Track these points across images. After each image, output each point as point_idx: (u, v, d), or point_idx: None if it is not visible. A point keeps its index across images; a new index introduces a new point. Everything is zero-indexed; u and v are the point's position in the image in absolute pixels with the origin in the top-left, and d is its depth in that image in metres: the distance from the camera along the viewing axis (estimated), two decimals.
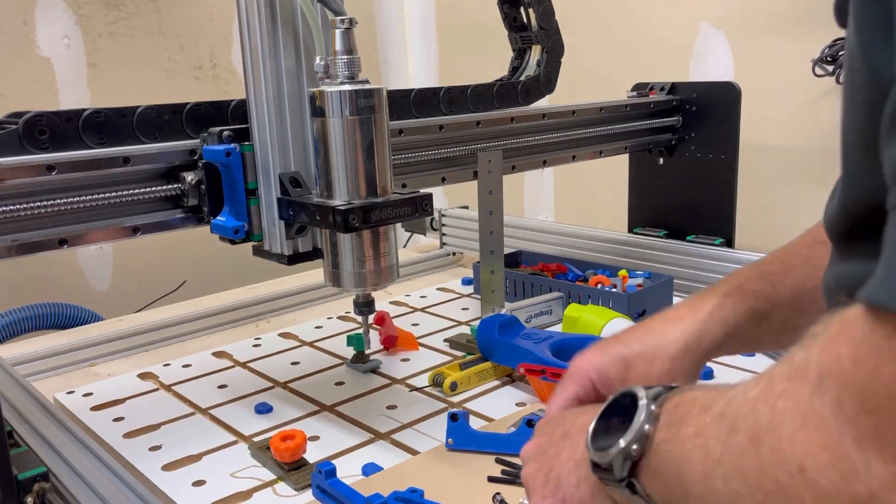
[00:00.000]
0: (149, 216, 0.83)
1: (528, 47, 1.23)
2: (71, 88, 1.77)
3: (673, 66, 1.70)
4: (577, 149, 1.29)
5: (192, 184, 0.82)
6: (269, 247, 0.84)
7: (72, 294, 1.78)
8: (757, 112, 1.43)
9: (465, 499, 0.72)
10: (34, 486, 0.67)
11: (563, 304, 1.22)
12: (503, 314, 1.08)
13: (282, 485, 0.79)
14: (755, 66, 1.58)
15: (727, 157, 1.37)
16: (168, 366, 1.12)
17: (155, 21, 1.88)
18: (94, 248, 1.84)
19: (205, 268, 1.87)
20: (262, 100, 0.79)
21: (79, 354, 1.16)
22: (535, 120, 1.19)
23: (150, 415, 0.96)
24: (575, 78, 1.29)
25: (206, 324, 1.27)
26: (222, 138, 0.81)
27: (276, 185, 0.80)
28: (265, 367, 1.10)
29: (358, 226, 0.71)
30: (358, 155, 0.73)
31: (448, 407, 0.95)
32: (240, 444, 0.88)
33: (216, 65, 2.00)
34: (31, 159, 0.75)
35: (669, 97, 1.41)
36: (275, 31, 0.78)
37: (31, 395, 0.89)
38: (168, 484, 0.80)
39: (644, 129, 1.38)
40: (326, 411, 0.95)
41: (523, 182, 2.12)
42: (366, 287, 0.78)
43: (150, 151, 0.81)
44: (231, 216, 0.83)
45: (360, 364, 1.07)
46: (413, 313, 1.32)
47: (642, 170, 1.50)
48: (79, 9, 1.76)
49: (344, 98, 0.72)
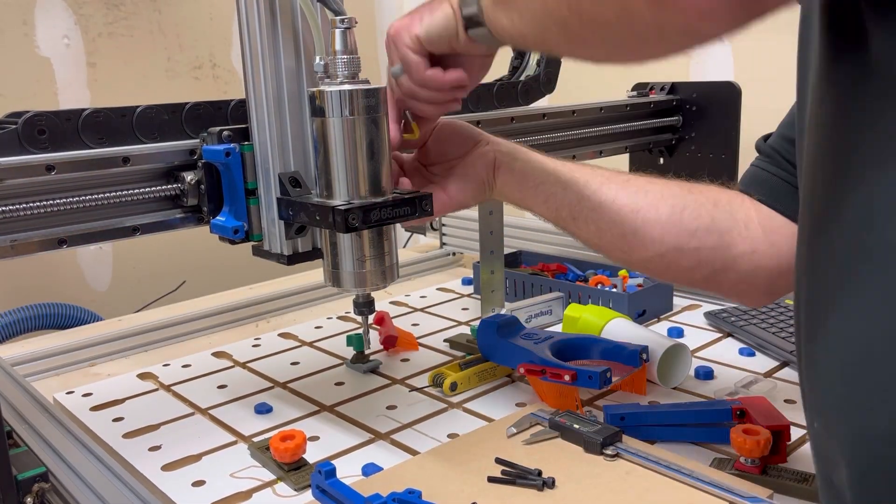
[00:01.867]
0: (148, 216, 0.83)
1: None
2: (70, 88, 1.77)
3: (673, 65, 1.70)
4: (577, 149, 1.29)
5: (191, 184, 0.82)
6: (268, 247, 0.84)
7: (71, 294, 1.78)
8: (757, 112, 1.43)
9: (466, 499, 0.71)
10: (34, 486, 0.67)
11: (563, 304, 1.22)
12: (503, 314, 1.08)
13: (282, 485, 0.79)
14: (755, 66, 1.58)
15: (727, 157, 1.37)
16: (168, 366, 1.12)
17: (154, 21, 1.88)
18: (94, 249, 1.84)
19: (205, 268, 1.87)
20: (262, 100, 0.79)
21: (78, 354, 1.16)
22: (535, 120, 1.19)
23: (149, 415, 0.96)
24: (575, 78, 1.29)
25: (206, 324, 1.27)
26: (222, 138, 0.81)
27: (275, 185, 0.80)
28: (265, 367, 1.10)
29: (358, 226, 0.71)
30: (358, 155, 0.73)
31: (448, 407, 0.95)
32: (239, 444, 0.88)
33: (216, 65, 2.00)
34: (31, 159, 0.75)
35: (669, 97, 1.41)
36: (275, 31, 0.77)
37: (31, 396, 0.89)
38: (168, 484, 0.80)
39: (644, 129, 1.38)
40: (326, 411, 0.95)
41: None
42: (365, 287, 0.78)
43: (149, 151, 0.81)
44: (231, 216, 0.83)
45: (360, 364, 1.07)
46: (413, 313, 1.32)
47: (642, 170, 1.49)
48: (78, 9, 1.76)
49: (344, 98, 0.72)
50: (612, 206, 0.80)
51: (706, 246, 0.79)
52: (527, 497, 0.72)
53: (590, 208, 0.81)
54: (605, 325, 1.05)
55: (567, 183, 0.81)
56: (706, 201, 0.80)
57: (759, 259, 0.78)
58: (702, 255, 0.79)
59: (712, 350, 1.10)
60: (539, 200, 0.82)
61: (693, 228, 0.79)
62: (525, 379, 0.98)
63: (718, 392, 0.95)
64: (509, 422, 0.85)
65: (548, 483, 0.73)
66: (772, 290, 0.81)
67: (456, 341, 1.16)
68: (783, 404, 0.91)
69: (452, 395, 0.98)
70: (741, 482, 0.72)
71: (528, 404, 0.94)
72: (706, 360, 1.05)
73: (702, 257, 0.79)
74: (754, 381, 0.96)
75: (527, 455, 0.78)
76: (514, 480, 0.74)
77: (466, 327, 1.23)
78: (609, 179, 0.82)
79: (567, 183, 0.81)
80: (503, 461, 0.76)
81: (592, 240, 0.83)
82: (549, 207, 0.82)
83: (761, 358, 1.06)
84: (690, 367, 1.00)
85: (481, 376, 1.01)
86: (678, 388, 0.98)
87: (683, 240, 0.79)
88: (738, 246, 0.78)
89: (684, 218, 0.79)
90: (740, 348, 1.09)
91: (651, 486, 0.73)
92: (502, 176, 0.83)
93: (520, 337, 0.98)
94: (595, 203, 0.80)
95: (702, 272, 0.80)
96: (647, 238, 0.80)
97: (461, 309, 1.33)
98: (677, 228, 0.79)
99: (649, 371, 0.96)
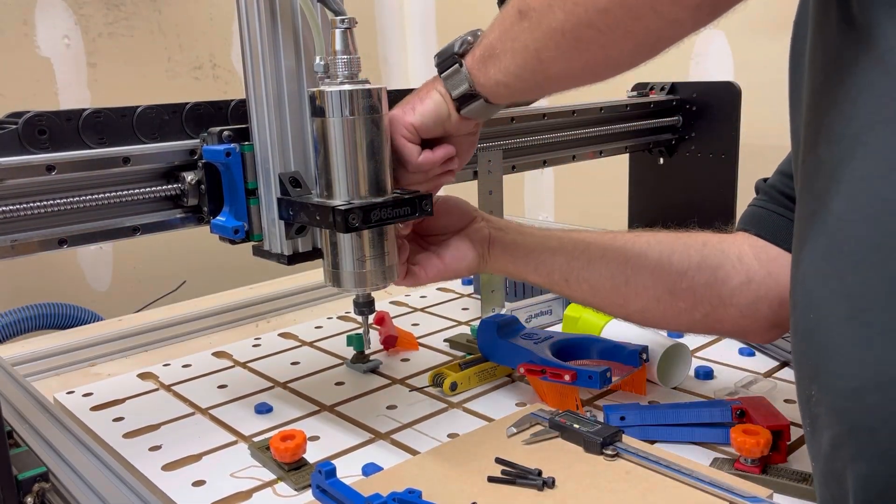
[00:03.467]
0: (149, 216, 0.83)
1: None
2: (71, 88, 1.77)
3: (673, 65, 1.70)
4: (577, 149, 1.29)
5: (191, 184, 0.82)
6: (269, 247, 0.84)
7: (71, 294, 1.78)
8: (757, 112, 1.43)
9: (466, 499, 0.71)
10: (34, 486, 0.67)
11: (563, 304, 1.22)
12: (503, 314, 1.08)
13: (282, 485, 0.79)
14: (755, 66, 1.58)
15: (727, 157, 1.37)
16: (168, 366, 1.12)
17: (155, 21, 1.88)
18: (94, 249, 1.84)
19: (205, 268, 1.87)
20: (262, 100, 0.79)
21: (79, 354, 1.16)
22: (535, 120, 1.19)
23: (149, 415, 0.96)
24: None
25: (206, 324, 1.27)
26: (222, 138, 0.81)
27: (275, 185, 0.80)
28: (265, 367, 1.10)
29: (358, 225, 0.71)
30: (358, 155, 0.73)
31: (448, 407, 0.95)
32: (240, 444, 0.88)
33: (216, 65, 2.00)
34: (31, 159, 0.75)
35: (669, 97, 1.41)
36: (275, 31, 0.77)
37: (31, 395, 0.89)
38: (168, 484, 0.80)
39: (644, 129, 1.38)
40: (326, 411, 0.95)
41: (523, 182, 2.12)
42: (366, 287, 0.78)
43: (149, 151, 0.81)
44: (231, 216, 0.83)
45: (360, 364, 1.07)
46: (413, 313, 1.32)
47: (642, 170, 1.49)
48: (79, 9, 1.76)
49: (344, 98, 0.72)
50: (600, 261, 0.82)
51: (699, 283, 0.80)
52: (527, 497, 0.72)
53: (580, 268, 0.83)
54: (605, 325, 1.05)
55: (556, 249, 0.84)
56: (694, 243, 0.82)
57: (758, 289, 0.79)
58: (696, 293, 0.80)
59: (712, 350, 1.10)
60: (531, 269, 0.84)
61: (683, 269, 0.80)
62: (525, 379, 0.98)
63: (718, 392, 0.95)
64: (509, 422, 0.85)
65: (548, 483, 0.73)
66: (777, 321, 0.80)
67: (456, 341, 1.16)
68: (783, 404, 0.91)
69: (452, 395, 0.98)
70: (741, 482, 0.72)
71: (528, 404, 0.94)
72: (706, 360, 1.05)
73: (696, 296, 0.80)
74: (754, 381, 0.96)
75: (527, 455, 0.78)
76: (514, 480, 0.74)
77: (466, 327, 1.23)
78: (596, 239, 0.84)
79: (556, 249, 0.84)
80: (503, 461, 0.76)
81: (588, 299, 0.85)
82: (541, 273, 0.84)
83: (761, 358, 1.06)
84: (690, 367, 1.00)
85: (481, 376, 1.01)
86: (678, 388, 0.98)
87: (675, 281, 0.80)
88: (733, 279, 0.79)
89: (674, 261, 0.81)
90: (740, 348, 1.09)
91: (651, 486, 0.73)
92: (495, 250, 0.85)
93: (520, 337, 0.98)
94: (585, 261, 0.83)
95: (700, 311, 0.80)
96: (640, 286, 0.81)
97: (461, 309, 1.33)
98: (667, 271, 0.80)
99: (649, 371, 0.96)
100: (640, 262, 0.81)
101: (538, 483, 0.73)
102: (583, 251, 0.83)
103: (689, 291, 0.80)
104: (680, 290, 0.80)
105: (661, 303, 0.81)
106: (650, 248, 0.82)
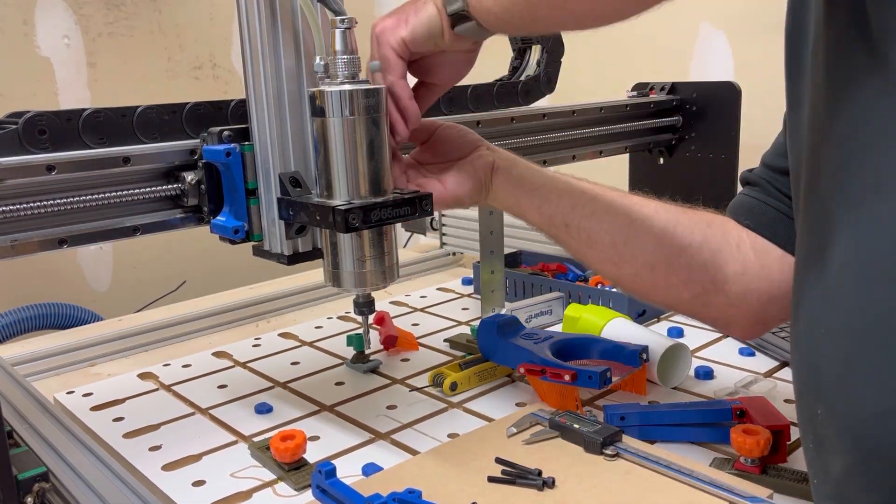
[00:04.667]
0: (149, 216, 0.83)
1: (529, 47, 1.23)
2: (71, 88, 1.77)
3: (673, 66, 1.70)
4: (577, 149, 1.29)
5: (191, 184, 0.82)
6: (269, 247, 0.84)
7: (71, 294, 1.78)
8: (757, 112, 1.43)
9: (466, 499, 0.71)
10: (34, 486, 0.67)
11: (563, 304, 1.22)
12: (503, 314, 1.08)
13: (282, 485, 0.79)
14: (755, 66, 1.58)
15: (727, 157, 1.37)
16: (168, 366, 1.12)
17: (155, 21, 1.88)
18: (94, 249, 1.84)
19: (205, 268, 1.87)
20: (262, 100, 0.79)
21: (79, 354, 1.16)
22: (535, 120, 1.19)
23: (149, 415, 0.96)
24: (575, 78, 1.29)
25: (206, 324, 1.27)
26: (222, 138, 0.81)
27: (276, 185, 0.80)
28: (265, 367, 1.10)
29: (358, 226, 0.71)
30: (358, 155, 0.73)
31: (448, 407, 0.95)
32: (240, 444, 0.88)
33: (216, 65, 2.00)
34: (31, 159, 0.75)
35: (669, 97, 1.40)
36: (275, 31, 0.77)
37: (31, 395, 0.89)
38: (168, 484, 0.80)
39: (644, 129, 1.38)
40: (326, 411, 0.95)
41: None
42: (366, 287, 0.78)
43: (150, 151, 0.81)
44: (231, 216, 0.83)
45: (360, 364, 1.07)
46: (413, 313, 1.32)
47: (642, 170, 1.49)
48: (79, 9, 1.76)
49: (344, 98, 0.72)
50: (605, 215, 0.80)
51: (696, 262, 0.78)
52: (527, 497, 0.72)
53: (583, 216, 0.81)
54: (605, 325, 1.05)
55: (563, 190, 0.82)
56: (700, 220, 0.81)
57: (750, 281, 0.78)
58: (692, 271, 0.79)
59: (712, 350, 1.10)
60: (534, 206, 0.82)
61: (686, 244, 0.79)
62: (525, 379, 0.98)
63: (718, 392, 0.95)
64: (509, 422, 0.85)
65: (548, 483, 0.73)
66: (762, 318, 0.79)
67: (456, 341, 1.16)
68: (783, 404, 0.91)
69: (452, 395, 0.98)
70: (741, 482, 0.72)
71: (528, 404, 0.94)
72: (706, 360, 1.05)
73: (691, 274, 0.79)
74: (754, 381, 0.96)
75: (527, 455, 0.78)
76: (514, 480, 0.74)
77: (466, 327, 1.23)
78: (605, 193, 0.82)
79: (563, 190, 0.82)
80: (503, 461, 0.76)
81: (583, 249, 0.82)
82: (543, 213, 0.82)
83: (761, 358, 1.06)
84: (690, 366, 1.00)
85: (481, 376, 1.01)
86: (678, 388, 0.98)
87: (674, 253, 0.79)
88: (729, 266, 0.78)
89: (678, 233, 0.79)
90: (740, 348, 1.09)
91: (651, 486, 0.73)
92: (499, 178, 0.83)
93: (520, 337, 0.98)
94: (590, 211, 0.81)
95: (691, 290, 0.79)
96: (638, 249, 0.79)
97: (461, 309, 1.33)
98: (670, 241, 0.79)
99: (649, 371, 0.96)
100: (643, 226, 0.79)
101: (538, 483, 0.73)
102: (589, 200, 0.81)
103: (686, 268, 0.79)
104: (677, 264, 0.79)
105: (655, 272, 0.80)
106: (657, 214, 0.80)
